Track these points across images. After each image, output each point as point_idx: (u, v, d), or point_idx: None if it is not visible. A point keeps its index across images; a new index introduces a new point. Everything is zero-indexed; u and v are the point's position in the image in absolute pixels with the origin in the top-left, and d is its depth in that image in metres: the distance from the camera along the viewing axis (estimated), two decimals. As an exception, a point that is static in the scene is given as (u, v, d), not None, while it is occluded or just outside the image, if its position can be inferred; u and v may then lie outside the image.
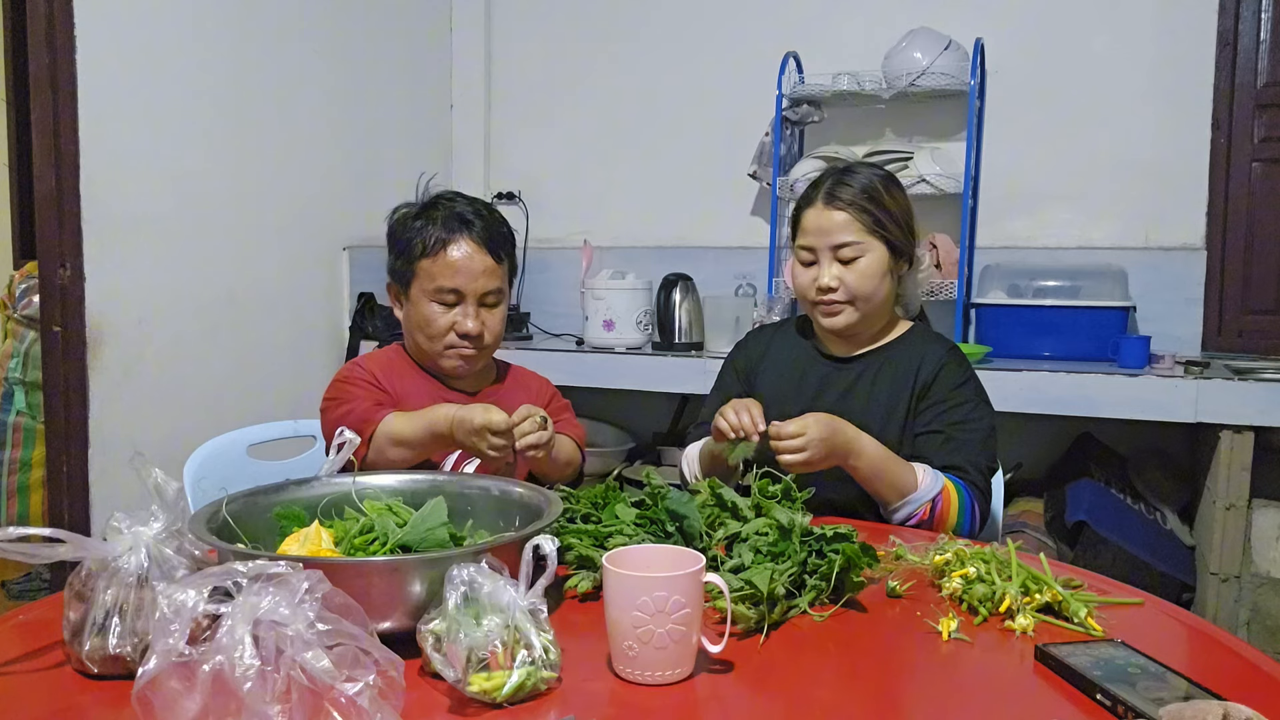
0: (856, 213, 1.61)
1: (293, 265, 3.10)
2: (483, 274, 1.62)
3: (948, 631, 1.07)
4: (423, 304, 1.62)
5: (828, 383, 1.70)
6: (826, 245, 1.62)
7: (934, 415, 1.62)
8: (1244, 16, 2.92)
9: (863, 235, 1.61)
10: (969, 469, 1.57)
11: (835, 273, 1.62)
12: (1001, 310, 2.90)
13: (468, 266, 1.60)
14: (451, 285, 1.60)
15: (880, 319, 1.70)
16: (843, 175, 1.65)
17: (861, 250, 1.61)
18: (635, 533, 1.23)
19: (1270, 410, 2.39)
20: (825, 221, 1.62)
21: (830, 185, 1.64)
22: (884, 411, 1.64)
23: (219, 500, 1.13)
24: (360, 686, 0.78)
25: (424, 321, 1.62)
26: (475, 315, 1.62)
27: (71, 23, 2.41)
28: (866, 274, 1.62)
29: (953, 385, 1.63)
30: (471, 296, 1.61)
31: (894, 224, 1.63)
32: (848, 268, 1.62)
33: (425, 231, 1.61)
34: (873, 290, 1.63)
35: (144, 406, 2.61)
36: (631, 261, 3.32)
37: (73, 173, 2.43)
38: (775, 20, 3.35)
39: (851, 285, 1.62)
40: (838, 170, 1.68)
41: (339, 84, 3.24)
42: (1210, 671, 0.96)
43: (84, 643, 0.95)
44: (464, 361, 1.65)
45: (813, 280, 1.64)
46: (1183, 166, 2.98)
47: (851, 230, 1.61)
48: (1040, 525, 2.76)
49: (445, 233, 1.60)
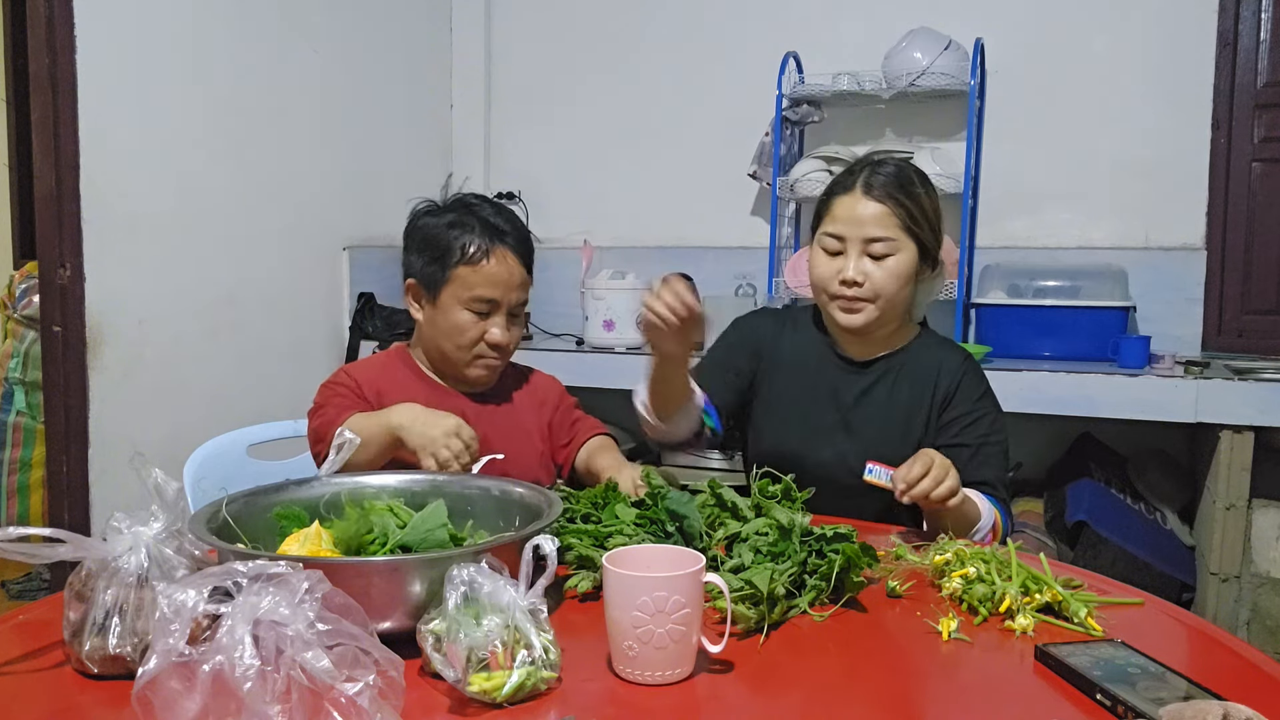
0: (894, 206, 1.54)
1: (293, 265, 3.10)
2: (518, 285, 1.62)
3: (948, 631, 1.07)
4: (455, 311, 1.59)
5: (844, 385, 1.66)
6: (859, 236, 1.55)
7: (960, 428, 1.60)
8: (1244, 16, 2.92)
9: (897, 232, 1.55)
10: (997, 485, 1.57)
11: (863, 267, 1.55)
12: (1001, 310, 2.90)
13: (507, 279, 1.59)
14: (490, 295, 1.59)
15: (894, 321, 1.64)
16: (885, 167, 1.58)
17: (894, 248, 1.55)
18: (635, 533, 1.24)
19: (1270, 410, 2.39)
20: (861, 211, 1.55)
21: (868, 174, 1.57)
22: (904, 417, 1.63)
23: (219, 500, 1.13)
24: (360, 686, 0.78)
25: (455, 329, 1.60)
26: (505, 326, 1.61)
27: (71, 23, 2.40)
28: (894, 273, 1.55)
29: (975, 397, 1.62)
30: (505, 307, 1.61)
31: (927, 224, 1.57)
32: (876, 264, 1.55)
33: (464, 239, 1.58)
34: (896, 291, 1.56)
35: (144, 406, 2.61)
36: (631, 261, 3.32)
37: (73, 173, 2.43)
38: (775, 20, 3.35)
39: (877, 283, 1.55)
40: (875, 160, 1.60)
41: (339, 84, 3.24)
42: (1210, 671, 0.96)
43: (84, 643, 0.95)
44: (488, 371, 1.64)
45: (836, 272, 1.57)
46: (1183, 166, 2.98)
47: (887, 225, 1.54)
48: (1040, 525, 2.76)
49: (485, 241, 1.58)
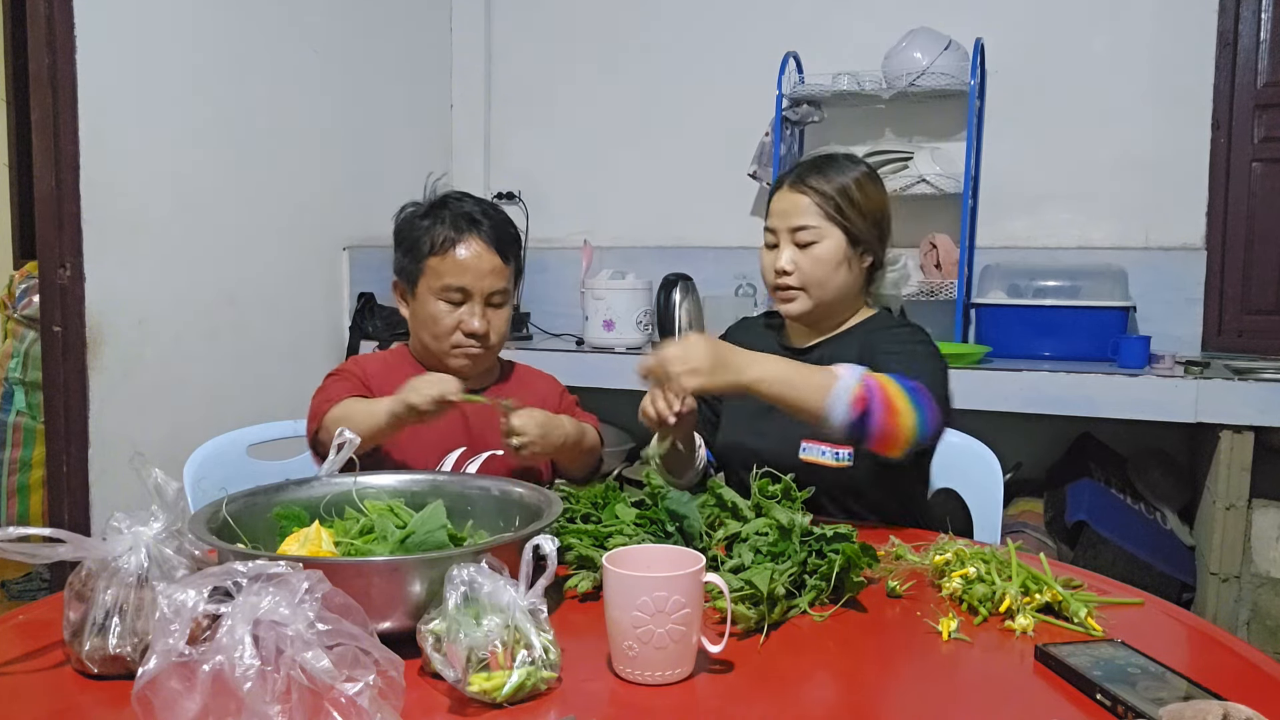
0: (819, 198, 1.59)
1: (293, 265, 3.10)
2: (490, 273, 1.63)
3: (948, 631, 1.07)
4: (429, 302, 1.63)
5: None
6: (786, 228, 1.61)
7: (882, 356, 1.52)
8: (1244, 16, 2.92)
9: (820, 220, 1.58)
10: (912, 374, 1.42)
11: (790, 256, 1.60)
12: (1001, 310, 2.90)
13: (476, 265, 1.61)
14: (459, 284, 1.61)
15: (842, 309, 1.65)
16: (817, 162, 1.64)
17: (818, 235, 1.59)
18: (635, 533, 1.24)
19: (1270, 410, 2.39)
20: (788, 204, 1.61)
21: (801, 170, 1.63)
22: None
23: (219, 500, 1.13)
24: (360, 686, 0.78)
25: (430, 320, 1.63)
26: (482, 315, 1.63)
27: (71, 23, 2.40)
28: (820, 260, 1.59)
29: (904, 341, 1.57)
30: (478, 295, 1.62)
31: (858, 215, 1.59)
32: (803, 252, 1.59)
33: (434, 230, 1.62)
34: (825, 277, 1.59)
35: (144, 406, 2.61)
36: (631, 261, 3.32)
37: (73, 173, 2.43)
38: (775, 20, 3.35)
39: (805, 270, 1.59)
40: (818, 157, 1.66)
41: (339, 84, 3.24)
42: (1210, 671, 0.96)
43: (84, 643, 0.95)
44: (470, 360, 1.65)
45: (772, 263, 1.63)
46: (1183, 166, 2.98)
47: (811, 214, 1.59)
48: (1040, 525, 2.76)
49: (454, 231, 1.61)
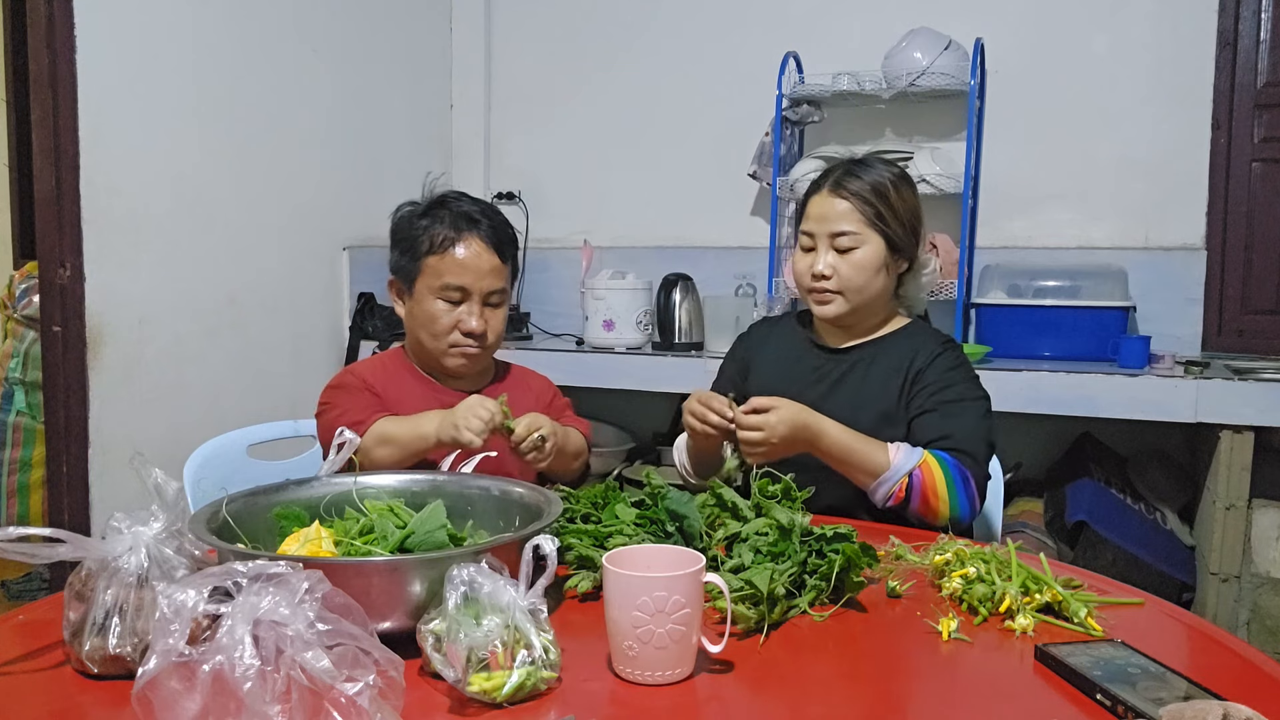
0: (859, 203, 1.61)
1: (293, 265, 3.10)
2: (489, 273, 1.63)
3: (948, 631, 1.07)
4: (427, 301, 1.63)
5: (820, 373, 1.70)
6: (825, 232, 1.63)
7: (926, 397, 1.60)
8: (1244, 16, 2.92)
9: (862, 226, 1.61)
10: (958, 435, 1.53)
11: (830, 260, 1.63)
12: (1001, 310, 2.90)
13: (475, 264, 1.61)
14: (458, 283, 1.61)
15: (876, 313, 1.70)
16: (854, 166, 1.66)
17: (859, 241, 1.61)
18: (635, 533, 1.24)
19: (1270, 410, 2.39)
20: (828, 209, 1.63)
21: (840, 174, 1.65)
22: (875, 401, 1.63)
23: (219, 500, 1.13)
24: (360, 686, 0.78)
25: (428, 319, 1.63)
26: (480, 314, 1.63)
27: (71, 23, 2.40)
28: (860, 265, 1.62)
29: (945, 369, 1.62)
30: (476, 295, 1.63)
31: (896, 220, 1.62)
32: (843, 257, 1.62)
33: (432, 229, 1.62)
34: (864, 283, 1.63)
35: (144, 406, 2.61)
36: (631, 261, 3.32)
37: (73, 173, 2.43)
38: (775, 20, 3.35)
39: (844, 275, 1.62)
40: (851, 160, 1.68)
41: (339, 83, 3.24)
42: (1210, 671, 0.96)
43: (84, 643, 0.95)
44: (467, 360, 1.66)
45: (809, 267, 1.65)
46: (1183, 166, 2.98)
47: (851, 220, 1.62)
48: (1040, 525, 2.75)
49: (453, 231, 1.62)
